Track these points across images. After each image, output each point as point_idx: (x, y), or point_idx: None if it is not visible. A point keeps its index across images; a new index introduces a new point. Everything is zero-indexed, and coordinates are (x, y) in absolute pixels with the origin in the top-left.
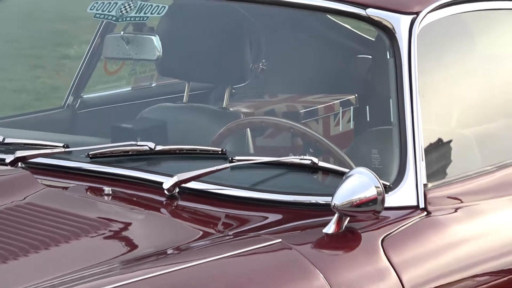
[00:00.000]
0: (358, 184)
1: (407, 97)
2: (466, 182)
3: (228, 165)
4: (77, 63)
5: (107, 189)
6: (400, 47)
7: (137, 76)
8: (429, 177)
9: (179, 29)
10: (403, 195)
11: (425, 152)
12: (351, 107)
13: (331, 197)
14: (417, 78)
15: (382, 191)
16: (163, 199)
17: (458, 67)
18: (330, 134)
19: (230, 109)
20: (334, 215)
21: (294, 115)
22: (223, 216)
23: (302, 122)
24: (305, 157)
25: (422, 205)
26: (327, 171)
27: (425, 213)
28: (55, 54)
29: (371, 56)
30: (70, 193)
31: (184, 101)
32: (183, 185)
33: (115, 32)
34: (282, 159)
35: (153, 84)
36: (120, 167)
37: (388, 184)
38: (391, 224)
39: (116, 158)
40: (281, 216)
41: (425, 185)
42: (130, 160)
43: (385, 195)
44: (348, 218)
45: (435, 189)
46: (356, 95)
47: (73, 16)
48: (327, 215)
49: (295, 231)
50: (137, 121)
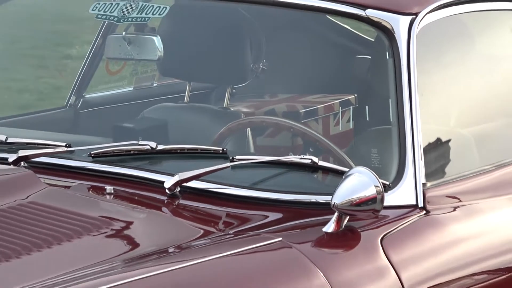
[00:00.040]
0: (358, 183)
1: (406, 97)
2: (465, 181)
3: (228, 164)
4: (79, 63)
5: (109, 188)
6: (399, 48)
7: (138, 76)
8: (428, 176)
9: (180, 29)
10: (402, 194)
11: (424, 152)
12: (350, 107)
13: (331, 196)
14: (416, 78)
15: (381, 190)
16: (165, 198)
17: (457, 67)
18: (330, 134)
19: (231, 109)
20: (334, 214)
21: (294, 115)
22: (223, 215)
23: (302, 121)
24: (305, 157)
25: (421, 204)
26: (327, 170)
27: (424, 212)
28: (57, 54)
29: (371, 57)
30: (72, 192)
31: (185, 101)
32: (184, 184)
33: (117, 33)
34: (282, 158)
35: (155, 84)
36: (122, 166)
37: (387, 183)
38: (390, 223)
39: (118, 157)
40: (281, 215)
41: (424, 184)
42: (132, 159)
43: (384, 194)
44: (348, 217)
45: (434, 188)
46: (356, 95)
47: (76, 16)
48: (327, 214)
49: (295, 229)
50: (138, 120)
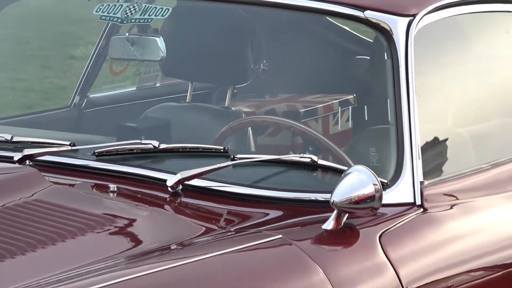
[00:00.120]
0: (357, 182)
1: (404, 97)
2: (462, 179)
3: (230, 163)
4: (84, 63)
5: (112, 186)
6: (397, 49)
7: (141, 77)
8: (426, 174)
9: (182, 30)
10: (400, 192)
11: (422, 151)
12: (349, 107)
13: (330, 194)
14: (414, 79)
15: (379, 188)
16: (167, 196)
17: (454, 68)
18: (329, 133)
19: (232, 108)
20: (333, 212)
21: (294, 114)
22: (225, 213)
23: (302, 121)
24: (305, 155)
25: (418, 202)
26: (326, 169)
27: (422, 209)
28: (62, 55)
29: (369, 57)
30: (77, 190)
31: (187, 101)
32: (186, 182)
33: (120, 34)
34: (282, 157)
35: (157, 84)
36: (125, 165)
37: (386, 181)
38: (389, 220)
39: (121, 156)
40: (281, 212)
41: (422, 182)
42: (135, 158)
43: (383, 192)
44: (347, 215)
45: (431, 186)
46: (355, 95)
47: (80, 18)
48: (326, 212)
49: (295, 227)
50: (141, 120)
